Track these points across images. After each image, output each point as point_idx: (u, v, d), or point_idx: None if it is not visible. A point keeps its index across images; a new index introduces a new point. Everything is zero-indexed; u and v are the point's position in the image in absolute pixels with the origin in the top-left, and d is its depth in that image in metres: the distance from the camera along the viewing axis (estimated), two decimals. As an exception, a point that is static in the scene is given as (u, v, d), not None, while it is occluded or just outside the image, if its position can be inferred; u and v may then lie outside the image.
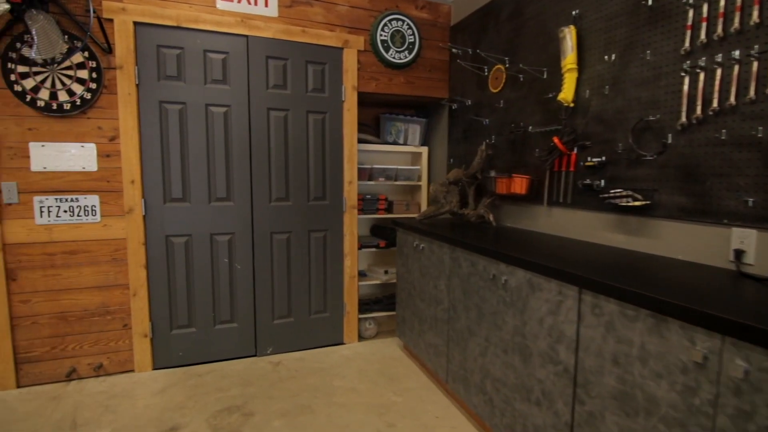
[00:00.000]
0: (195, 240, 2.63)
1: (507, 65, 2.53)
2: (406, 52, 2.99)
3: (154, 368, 2.62)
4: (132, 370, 2.58)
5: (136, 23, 2.42)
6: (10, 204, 2.30)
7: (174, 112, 2.53)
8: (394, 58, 2.96)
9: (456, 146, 3.11)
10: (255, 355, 2.82)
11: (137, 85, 2.45)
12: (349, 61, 2.86)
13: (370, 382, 2.50)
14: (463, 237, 2.06)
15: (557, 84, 2.17)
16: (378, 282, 3.24)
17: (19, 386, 2.39)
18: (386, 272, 3.29)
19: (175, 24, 2.47)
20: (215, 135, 2.63)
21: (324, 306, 2.96)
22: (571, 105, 2.05)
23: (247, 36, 2.63)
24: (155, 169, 2.53)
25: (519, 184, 2.25)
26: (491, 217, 2.50)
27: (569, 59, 2.02)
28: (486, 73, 2.72)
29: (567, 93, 2.04)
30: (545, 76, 2.25)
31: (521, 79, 2.42)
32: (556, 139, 2.06)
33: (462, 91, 3.01)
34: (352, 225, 2.97)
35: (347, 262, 2.99)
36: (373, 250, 3.32)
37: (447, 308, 2.21)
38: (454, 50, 3.04)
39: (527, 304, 1.63)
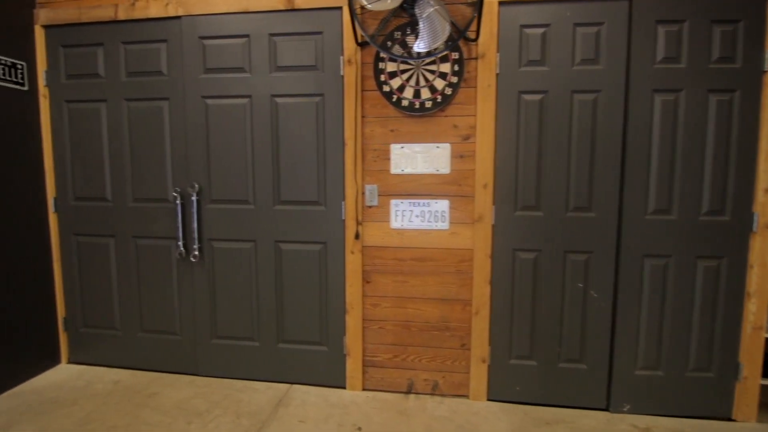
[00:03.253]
0: (543, 256, 2.18)
1: None
2: None
3: (488, 398, 2.29)
4: (466, 396, 2.31)
5: (500, 3, 2.09)
6: (370, 207, 2.29)
7: (533, 104, 2.13)
8: None
9: None
10: (606, 410, 2.20)
11: (497, 75, 2.13)
12: (781, 12, 1.94)
13: None
14: None
15: None
16: (776, 335, 2.21)
17: (363, 389, 2.39)
18: (793, 323, 2.22)
19: (544, -4, 2.05)
20: (578, 128, 2.11)
21: (708, 362, 2.13)
22: None
23: (630, -2, 2.02)
24: (508, 171, 2.17)
25: None
26: None
27: None
28: None
29: None
30: None
31: None
32: None
33: None
34: (765, 252, 2.04)
35: (751, 306, 2.07)
36: None
37: None
38: None
39: None
